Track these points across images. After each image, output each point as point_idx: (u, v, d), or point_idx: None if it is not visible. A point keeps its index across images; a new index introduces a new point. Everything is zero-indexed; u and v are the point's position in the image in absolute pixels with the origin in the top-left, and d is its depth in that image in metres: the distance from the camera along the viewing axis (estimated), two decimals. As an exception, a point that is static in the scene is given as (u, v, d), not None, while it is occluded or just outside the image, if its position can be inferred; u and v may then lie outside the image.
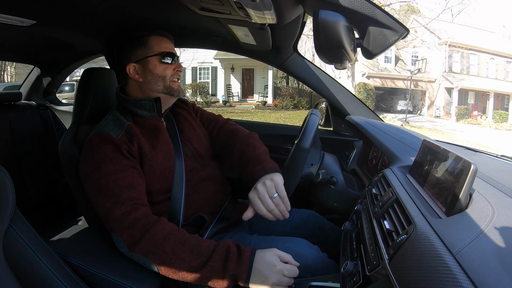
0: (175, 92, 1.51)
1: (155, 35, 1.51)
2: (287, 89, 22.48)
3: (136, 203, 1.23)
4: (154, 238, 1.16)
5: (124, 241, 1.17)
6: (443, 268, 0.61)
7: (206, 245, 1.18)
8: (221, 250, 1.17)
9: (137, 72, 1.48)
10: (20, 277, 0.95)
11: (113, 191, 1.22)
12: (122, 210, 1.19)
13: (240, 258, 1.16)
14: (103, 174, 1.25)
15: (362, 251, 1.00)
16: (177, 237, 1.18)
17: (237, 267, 1.13)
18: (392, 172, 1.24)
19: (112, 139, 1.33)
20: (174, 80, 1.50)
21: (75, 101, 1.62)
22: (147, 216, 1.21)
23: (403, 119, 19.85)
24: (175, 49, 1.57)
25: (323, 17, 0.91)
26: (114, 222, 1.19)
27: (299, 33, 1.83)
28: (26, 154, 2.55)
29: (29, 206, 2.51)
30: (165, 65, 1.48)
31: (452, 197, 0.81)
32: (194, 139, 1.60)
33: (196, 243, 1.18)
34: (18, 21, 1.59)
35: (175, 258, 1.14)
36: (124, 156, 1.31)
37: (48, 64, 2.86)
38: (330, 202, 1.54)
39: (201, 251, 1.16)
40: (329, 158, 1.64)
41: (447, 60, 23.57)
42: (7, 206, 0.95)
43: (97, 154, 1.30)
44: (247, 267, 1.14)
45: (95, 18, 1.71)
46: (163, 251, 1.14)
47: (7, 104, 2.56)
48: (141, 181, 1.32)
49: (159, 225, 1.19)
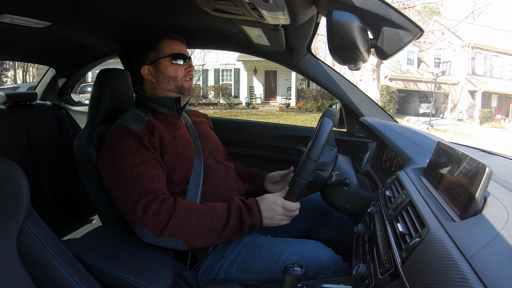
0: (186, 91, 1.58)
1: (166, 39, 1.57)
2: (310, 91, 22.31)
3: (158, 194, 1.28)
4: (178, 218, 1.25)
5: (150, 231, 1.23)
6: (456, 272, 0.60)
7: (221, 209, 1.34)
8: (235, 209, 1.34)
9: (150, 73, 1.56)
10: (33, 274, 0.96)
11: (137, 183, 1.28)
12: (147, 201, 1.25)
13: (250, 210, 1.35)
14: (127, 167, 1.30)
15: (374, 253, 0.99)
16: (197, 210, 1.31)
17: (251, 218, 1.33)
18: (406, 174, 1.23)
19: (134, 132, 1.38)
20: (186, 79, 1.56)
21: (90, 101, 1.65)
22: (165, 200, 1.28)
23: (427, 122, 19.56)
24: (187, 51, 1.62)
25: (336, 18, 0.90)
26: (140, 214, 1.23)
27: (312, 34, 1.82)
28: (41, 153, 2.59)
29: (44, 204, 2.56)
30: (176, 66, 1.54)
31: (467, 200, 0.80)
32: (210, 138, 1.69)
33: (212, 209, 1.33)
34: (33, 23, 1.62)
35: (201, 228, 1.27)
36: (146, 148, 1.36)
37: (63, 65, 2.91)
38: (343, 204, 1.53)
39: (220, 215, 1.32)
40: (343, 159, 1.62)
41: (470, 62, 22.98)
42: (21, 203, 0.97)
43: (120, 147, 1.35)
44: (258, 216, 1.34)
45: (109, 20, 1.73)
46: (190, 226, 1.26)
47: (23, 104, 2.61)
48: (162, 173, 1.37)
49: (179, 204, 1.28)
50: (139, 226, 1.23)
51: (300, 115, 19.28)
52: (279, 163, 2.53)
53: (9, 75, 26.66)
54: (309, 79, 2.27)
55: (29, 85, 17.71)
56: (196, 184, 1.47)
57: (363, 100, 2.19)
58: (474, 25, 23.09)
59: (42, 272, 0.97)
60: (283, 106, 22.74)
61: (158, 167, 1.36)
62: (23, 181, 0.98)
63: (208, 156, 1.60)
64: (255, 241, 1.46)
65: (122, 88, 1.72)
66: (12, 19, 1.55)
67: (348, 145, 2.25)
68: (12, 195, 0.96)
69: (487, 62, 23.44)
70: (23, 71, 26.14)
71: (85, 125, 1.64)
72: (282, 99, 23.48)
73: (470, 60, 22.99)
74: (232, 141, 2.55)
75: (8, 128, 2.42)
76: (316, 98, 21.93)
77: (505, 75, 23.35)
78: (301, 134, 2.47)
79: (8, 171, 0.96)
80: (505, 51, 23.43)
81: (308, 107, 21.52)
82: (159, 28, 1.88)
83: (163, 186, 1.34)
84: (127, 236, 1.32)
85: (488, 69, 23.46)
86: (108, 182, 1.34)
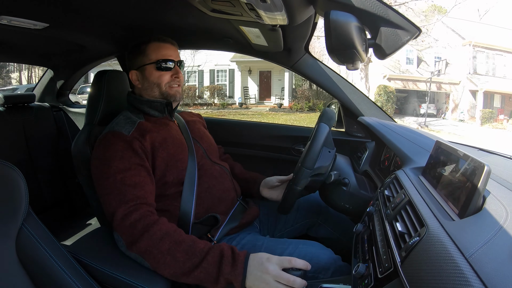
0: (171, 98, 1.55)
1: (154, 42, 1.54)
2: (302, 91, 22.38)
3: (140, 203, 1.26)
4: (152, 237, 1.18)
5: (123, 240, 1.20)
6: (455, 271, 0.60)
7: (200, 247, 1.19)
8: (215, 253, 1.17)
9: (137, 78, 1.55)
10: (32, 276, 0.96)
11: (120, 189, 1.26)
12: (126, 210, 1.22)
13: (234, 261, 1.15)
14: (112, 172, 1.29)
15: (374, 253, 0.99)
16: (173, 237, 1.20)
17: (232, 270, 1.13)
18: (405, 173, 1.23)
19: (123, 137, 1.37)
20: (172, 86, 1.54)
21: (87, 103, 1.65)
22: (148, 215, 1.23)
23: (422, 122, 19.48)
24: (176, 54, 1.58)
25: (334, 18, 0.90)
26: (118, 221, 1.21)
27: (310, 34, 1.82)
28: (40, 155, 2.59)
29: (42, 206, 2.55)
30: (160, 72, 1.52)
31: (466, 199, 0.80)
32: (204, 138, 1.67)
33: (191, 244, 1.19)
34: (31, 24, 1.62)
35: (170, 258, 1.16)
36: (134, 153, 1.34)
37: (61, 66, 2.90)
38: (342, 204, 1.53)
39: (195, 252, 1.17)
40: (341, 159, 1.62)
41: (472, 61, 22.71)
42: (20, 205, 0.97)
43: (108, 151, 1.34)
44: (241, 271, 1.13)
45: (106, 21, 1.73)
46: (159, 251, 1.16)
47: (21, 106, 2.60)
48: (147, 180, 1.34)
49: (157, 225, 1.21)
50: (116, 232, 1.22)
51: (287, 115, 19.43)
52: (278, 163, 2.53)
53: (14, 76, 26.72)
54: (307, 79, 2.27)
55: (28, 86, 17.73)
56: (191, 185, 1.46)
57: (362, 100, 2.19)
58: (477, 23, 22.92)
59: (41, 273, 0.97)
60: (276, 106, 22.89)
61: (145, 173, 1.34)
62: (22, 182, 0.98)
63: (202, 156, 1.58)
64: (254, 241, 1.46)
65: (120, 89, 1.72)
66: (10, 21, 1.55)
67: (346, 145, 2.25)
68: (11, 197, 0.96)
69: (490, 61, 23.12)
70: (28, 72, 26.18)
71: (83, 126, 1.64)
72: (276, 99, 23.59)
73: (471, 59, 22.71)
74: (231, 141, 2.56)
75: (6, 130, 2.42)
76: (308, 98, 22.07)
77: (508, 75, 23.00)
78: (300, 134, 2.47)
79: (6, 173, 0.96)
80: (508, 49, 23.12)
81: (300, 107, 21.68)
82: (156, 29, 1.88)
83: (147, 193, 1.31)
84: None
85: (491, 68, 23.14)
86: (96, 184, 1.34)
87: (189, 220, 1.41)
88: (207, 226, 1.46)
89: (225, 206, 1.54)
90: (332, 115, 1.47)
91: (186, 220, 1.41)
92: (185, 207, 1.43)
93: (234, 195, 1.61)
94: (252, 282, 1.11)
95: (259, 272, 1.12)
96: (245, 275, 1.12)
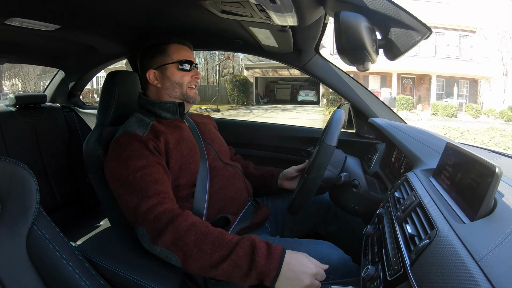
0: (191, 99, 1.57)
1: (175, 43, 1.56)
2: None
3: (163, 197, 1.25)
4: (177, 229, 1.17)
5: (148, 234, 1.18)
6: (465, 274, 0.59)
7: (229, 238, 1.16)
8: (245, 244, 1.14)
9: (156, 78, 1.54)
10: (42, 275, 0.97)
11: (140, 186, 1.26)
12: (149, 204, 1.21)
13: (269, 253, 1.12)
14: (131, 170, 1.29)
15: (383, 255, 0.98)
16: (199, 229, 1.18)
17: (267, 263, 1.09)
18: (415, 175, 1.22)
19: (139, 137, 1.37)
20: (191, 86, 1.56)
21: (99, 104, 1.66)
22: (172, 209, 1.23)
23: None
24: (194, 57, 1.60)
25: (344, 18, 0.90)
26: (142, 216, 1.21)
27: (320, 35, 1.82)
28: (51, 155, 2.62)
29: (53, 205, 2.57)
30: (183, 72, 1.53)
31: (476, 201, 0.79)
32: (215, 140, 1.67)
33: (219, 235, 1.17)
34: (42, 26, 1.64)
35: (196, 250, 1.13)
36: (151, 152, 1.35)
37: (72, 67, 2.93)
38: (352, 205, 1.52)
39: (223, 244, 1.14)
40: (352, 160, 1.62)
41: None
42: (31, 204, 0.98)
43: (125, 152, 1.34)
44: (277, 264, 1.09)
45: (118, 23, 1.74)
46: (185, 243, 1.14)
47: (33, 106, 2.63)
48: (166, 177, 1.35)
49: (182, 216, 1.20)
50: (140, 227, 1.20)
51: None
52: (288, 164, 2.52)
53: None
54: (318, 80, 2.26)
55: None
56: (203, 187, 1.47)
57: (372, 101, 2.18)
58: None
59: (51, 272, 0.98)
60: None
61: (163, 171, 1.34)
62: (33, 182, 0.99)
63: (214, 158, 1.59)
64: None
65: (131, 90, 1.73)
66: (21, 23, 1.57)
67: (357, 146, 2.24)
68: (22, 196, 0.97)
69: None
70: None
71: (94, 127, 1.66)
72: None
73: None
74: (240, 142, 2.56)
75: (18, 129, 2.45)
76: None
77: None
78: (309, 136, 2.46)
79: (18, 173, 0.97)
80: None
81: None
82: (167, 30, 1.89)
83: (168, 189, 1.31)
84: (136, 237, 1.33)
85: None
86: (113, 186, 1.34)
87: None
88: (218, 227, 1.46)
89: (236, 206, 1.55)
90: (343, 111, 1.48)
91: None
92: (197, 209, 1.43)
93: (246, 195, 1.62)
94: (288, 274, 1.09)
95: (297, 266, 1.11)
96: (279, 271, 1.09)
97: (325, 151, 1.36)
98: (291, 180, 1.79)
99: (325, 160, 1.36)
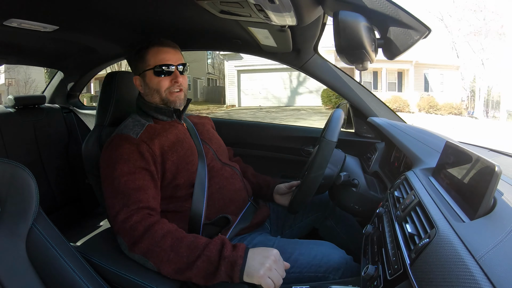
0: (171, 104, 1.51)
1: (154, 46, 1.50)
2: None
3: (141, 207, 1.26)
4: (153, 236, 1.19)
5: (125, 243, 1.20)
6: (465, 273, 0.59)
7: (203, 241, 1.21)
8: (216, 242, 1.20)
9: (140, 84, 1.54)
10: (42, 275, 0.98)
11: (123, 192, 1.27)
12: (128, 214, 1.23)
13: (235, 247, 1.19)
14: (117, 175, 1.30)
15: (383, 254, 0.98)
16: (175, 235, 1.22)
17: (234, 253, 1.16)
18: (415, 174, 1.22)
19: (130, 139, 1.37)
20: (172, 91, 1.50)
21: (98, 104, 1.66)
22: (148, 217, 1.24)
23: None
24: (178, 57, 1.53)
25: (343, 18, 0.90)
26: (119, 225, 1.22)
27: (319, 35, 1.82)
28: (50, 156, 2.61)
29: (53, 206, 2.57)
30: (159, 78, 1.48)
31: (476, 200, 0.79)
32: (213, 140, 1.67)
33: (193, 239, 1.22)
34: (41, 27, 1.64)
35: (173, 254, 1.17)
36: (141, 156, 1.35)
37: (71, 68, 2.93)
38: (351, 205, 1.52)
39: (198, 245, 1.19)
40: (351, 160, 1.62)
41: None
42: (30, 205, 0.98)
43: (115, 153, 1.35)
44: (242, 254, 1.16)
45: (116, 23, 1.74)
46: (162, 248, 1.18)
47: (32, 107, 2.63)
48: (151, 184, 1.34)
49: (159, 224, 1.23)
50: (118, 235, 1.23)
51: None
52: (287, 164, 2.53)
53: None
54: (317, 79, 2.26)
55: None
56: (202, 187, 1.46)
57: (371, 101, 2.18)
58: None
59: (51, 273, 0.98)
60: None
61: (149, 177, 1.34)
62: (32, 183, 1.00)
63: (212, 158, 1.58)
64: (265, 241, 1.46)
65: (130, 91, 1.73)
66: (19, 24, 1.56)
67: (356, 145, 2.24)
68: (22, 197, 0.97)
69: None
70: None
71: (93, 127, 1.66)
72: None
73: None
74: (239, 142, 2.55)
75: (17, 131, 2.44)
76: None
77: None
78: (309, 135, 2.46)
79: (17, 173, 0.97)
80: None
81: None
82: (165, 31, 1.89)
83: (149, 197, 1.31)
84: None
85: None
86: (102, 186, 1.35)
87: (200, 221, 1.42)
88: (218, 227, 1.46)
89: (236, 206, 1.54)
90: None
91: (197, 221, 1.42)
92: (196, 208, 1.43)
93: (245, 195, 1.61)
94: (251, 262, 1.15)
95: (260, 256, 1.17)
96: (245, 260, 1.15)
97: (326, 147, 1.36)
98: (282, 196, 1.77)
99: (326, 155, 1.37)
